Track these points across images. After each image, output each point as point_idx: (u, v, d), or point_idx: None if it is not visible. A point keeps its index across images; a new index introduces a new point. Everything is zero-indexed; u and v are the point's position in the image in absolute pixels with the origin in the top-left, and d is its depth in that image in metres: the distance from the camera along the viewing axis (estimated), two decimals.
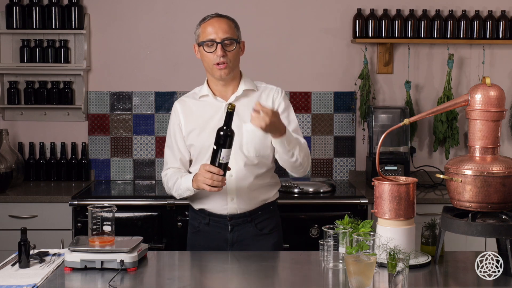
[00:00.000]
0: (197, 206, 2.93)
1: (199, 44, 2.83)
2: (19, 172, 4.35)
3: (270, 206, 2.95)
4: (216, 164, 2.63)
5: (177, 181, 2.85)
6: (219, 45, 2.77)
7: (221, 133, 2.60)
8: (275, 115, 2.60)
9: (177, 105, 2.95)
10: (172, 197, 3.97)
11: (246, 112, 2.82)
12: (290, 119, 2.89)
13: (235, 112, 2.67)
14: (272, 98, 2.90)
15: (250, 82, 2.91)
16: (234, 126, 2.66)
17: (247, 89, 2.88)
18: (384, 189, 2.50)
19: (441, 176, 2.52)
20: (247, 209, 2.87)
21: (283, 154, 2.75)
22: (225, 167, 2.64)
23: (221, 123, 2.71)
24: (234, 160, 2.76)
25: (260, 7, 4.54)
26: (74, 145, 4.54)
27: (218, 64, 2.78)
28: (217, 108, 2.87)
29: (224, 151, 2.61)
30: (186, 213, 3.93)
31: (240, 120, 2.83)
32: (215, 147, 2.62)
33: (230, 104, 2.60)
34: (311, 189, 4.13)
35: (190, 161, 2.95)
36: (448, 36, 4.46)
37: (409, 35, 4.46)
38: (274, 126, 2.62)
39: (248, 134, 2.82)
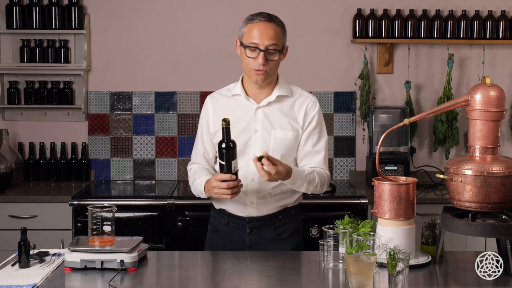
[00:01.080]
0: (217, 205, 2.91)
1: (242, 45, 2.75)
2: (19, 172, 4.35)
3: (291, 210, 2.91)
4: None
5: (195, 181, 2.83)
6: (261, 53, 2.68)
7: (223, 146, 2.57)
8: (279, 167, 2.58)
9: (208, 101, 2.90)
10: (172, 197, 4.00)
11: (276, 118, 2.79)
12: (321, 142, 2.84)
13: (265, 116, 2.73)
14: (305, 108, 2.83)
15: (285, 87, 2.84)
16: (262, 131, 2.73)
17: (281, 95, 2.82)
18: (384, 189, 2.50)
19: (441, 176, 2.52)
20: (267, 213, 2.84)
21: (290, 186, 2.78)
22: (236, 173, 2.63)
23: (251, 126, 2.75)
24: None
25: (260, 7, 4.53)
26: (74, 145, 4.54)
27: (256, 70, 2.71)
28: (248, 109, 2.81)
29: (233, 162, 2.60)
30: (186, 213, 3.93)
31: (270, 125, 2.79)
32: (222, 162, 2.60)
33: (224, 119, 2.55)
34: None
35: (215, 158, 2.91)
36: (448, 36, 4.46)
37: (409, 35, 4.46)
38: (278, 176, 2.61)
39: (276, 141, 2.78)
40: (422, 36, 4.45)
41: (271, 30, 2.71)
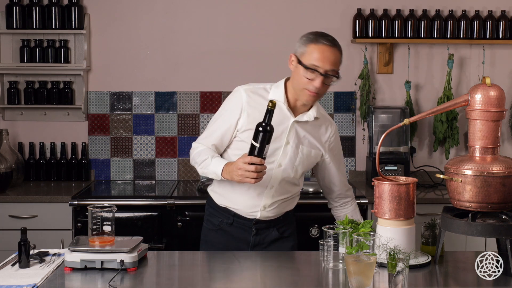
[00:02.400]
0: (221, 202, 2.86)
1: (300, 63, 2.68)
2: (19, 172, 4.35)
3: (289, 212, 2.97)
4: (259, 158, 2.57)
5: (207, 160, 2.73)
6: (321, 77, 2.64)
7: (261, 129, 2.53)
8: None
9: (244, 96, 2.77)
10: (172, 197, 4.00)
11: (306, 134, 2.80)
12: (342, 167, 2.96)
13: (298, 130, 2.74)
14: (329, 133, 2.87)
15: (319, 109, 2.85)
16: (293, 144, 2.75)
17: (317, 116, 2.81)
18: (384, 189, 2.50)
19: (441, 176, 2.52)
20: (274, 217, 2.88)
21: None
22: (265, 159, 2.59)
23: (283, 136, 2.74)
24: (280, 175, 2.78)
25: (260, 7, 4.54)
26: (74, 145, 4.54)
27: (310, 91, 2.68)
28: (284, 119, 2.75)
29: (267, 147, 2.57)
30: (186, 213, 3.93)
31: (300, 140, 2.79)
32: (256, 144, 2.55)
33: (271, 101, 2.52)
34: (311, 189, 4.13)
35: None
36: (448, 36, 4.46)
37: (409, 35, 4.46)
38: None
39: (302, 156, 2.80)
40: (422, 36, 4.45)
41: (334, 55, 2.68)
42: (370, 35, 4.46)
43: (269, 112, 2.54)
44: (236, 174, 2.58)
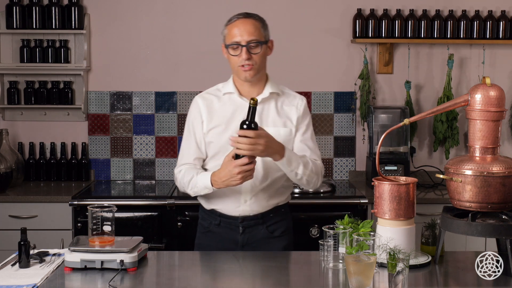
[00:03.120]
0: (208, 206, 2.90)
1: (226, 46, 2.81)
2: (19, 172, 4.35)
3: (282, 208, 2.93)
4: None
5: (193, 179, 2.79)
6: (244, 48, 2.74)
7: (245, 126, 2.57)
8: (265, 137, 2.59)
9: (199, 100, 2.90)
10: (172, 197, 4.00)
11: (269, 115, 2.83)
12: (308, 134, 2.89)
13: (258, 113, 2.71)
14: (296, 105, 2.89)
15: (275, 86, 2.90)
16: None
17: (273, 92, 2.86)
18: (384, 189, 2.50)
19: (441, 176, 2.52)
20: (259, 211, 2.85)
21: (286, 172, 2.77)
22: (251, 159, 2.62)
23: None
24: None
25: (260, 7, 4.53)
26: (74, 145, 4.54)
27: (243, 66, 2.76)
28: (241, 107, 2.82)
29: None
30: (186, 213, 3.93)
31: (263, 122, 2.81)
32: None
33: (252, 98, 2.57)
34: (311, 189, 4.12)
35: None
36: (448, 36, 4.46)
37: (409, 35, 4.46)
38: (271, 150, 2.63)
39: None
40: (422, 36, 4.45)
41: (249, 25, 2.79)
42: (370, 35, 4.46)
43: (251, 109, 2.58)
44: (236, 179, 2.64)
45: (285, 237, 2.93)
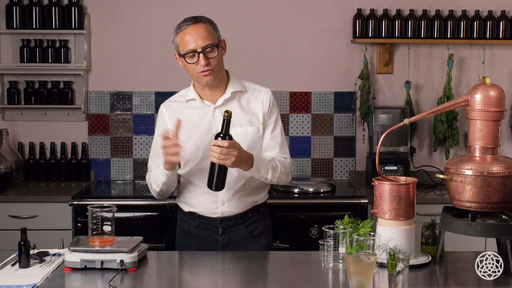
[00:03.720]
0: (186, 208, 2.90)
1: (180, 55, 2.74)
2: (19, 172, 4.35)
3: (260, 207, 2.92)
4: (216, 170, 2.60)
5: (154, 172, 2.80)
6: (201, 55, 2.69)
7: (218, 139, 2.55)
8: (238, 149, 2.57)
9: (163, 109, 2.89)
10: (172, 197, 3.99)
11: (235, 116, 2.76)
12: (277, 131, 2.85)
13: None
14: (261, 101, 2.85)
15: (238, 84, 2.86)
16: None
17: (235, 91, 2.83)
18: (384, 189, 2.50)
19: (441, 176, 2.52)
20: (238, 211, 2.85)
21: (256, 177, 2.76)
22: (224, 170, 2.61)
23: (211, 127, 2.73)
24: None
25: (260, 7, 4.54)
26: (74, 145, 4.54)
27: (203, 71, 2.72)
28: (205, 112, 2.81)
29: None
30: None
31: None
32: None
33: (226, 111, 2.55)
34: (311, 189, 4.13)
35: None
36: (448, 36, 4.46)
37: (409, 35, 4.46)
38: (241, 161, 2.60)
39: (237, 138, 2.72)
40: (422, 36, 4.45)
41: (202, 29, 2.72)
42: (370, 35, 4.46)
43: (225, 121, 2.55)
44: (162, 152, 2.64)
45: (265, 235, 2.92)
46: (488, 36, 4.47)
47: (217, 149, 2.55)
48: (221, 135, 2.56)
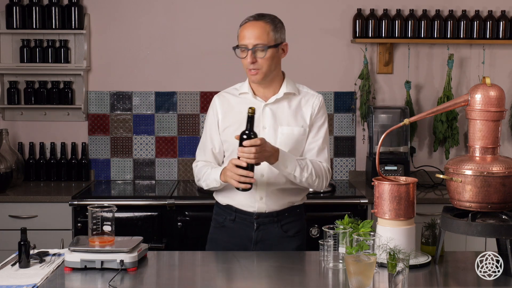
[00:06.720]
0: (223, 201, 2.91)
1: (235, 47, 2.83)
2: (19, 172, 4.35)
3: (297, 209, 2.94)
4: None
5: (207, 172, 2.85)
6: (249, 52, 2.75)
7: (245, 136, 2.60)
8: (263, 146, 2.61)
9: (216, 100, 2.93)
10: (172, 197, 4.00)
11: (284, 115, 2.83)
12: (319, 135, 2.88)
13: (273, 113, 2.77)
14: (311, 104, 2.88)
15: (292, 86, 2.89)
16: (270, 127, 2.76)
17: (288, 92, 2.86)
18: (384, 189, 2.50)
19: (441, 176, 2.52)
20: (274, 209, 2.86)
21: (284, 175, 2.78)
22: (252, 167, 2.64)
23: (258, 123, 2.77)
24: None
25: (260, 7, 4.52)
26: (74, 145, 4.54)
27: (250, 69, 2.78)
28: (256, 107, 2.82)
29: None
30: (186, 213, 3.93)
31: (276, 122, 2.83)
32: None
33: (250, 107, 2.60)
34: (311, 189, 4.12)
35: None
36: (448, 36, 4.46)
37: (409, 35, 4.46)
38: (269, 154, 2.65)
39: (283, 137, 2.81)
40: (422, 36, 4.45)
41: (258, 28, 2.78)
42: (370, 35, 4.46)
43: (249, 118, 2.61)
44: (226, 175, 2.70)
45: (299, 237, 2.93)
46: (488, 36, 4.47)
47: (251, 149, 2.59)
48: (246, 132, 2.61)
